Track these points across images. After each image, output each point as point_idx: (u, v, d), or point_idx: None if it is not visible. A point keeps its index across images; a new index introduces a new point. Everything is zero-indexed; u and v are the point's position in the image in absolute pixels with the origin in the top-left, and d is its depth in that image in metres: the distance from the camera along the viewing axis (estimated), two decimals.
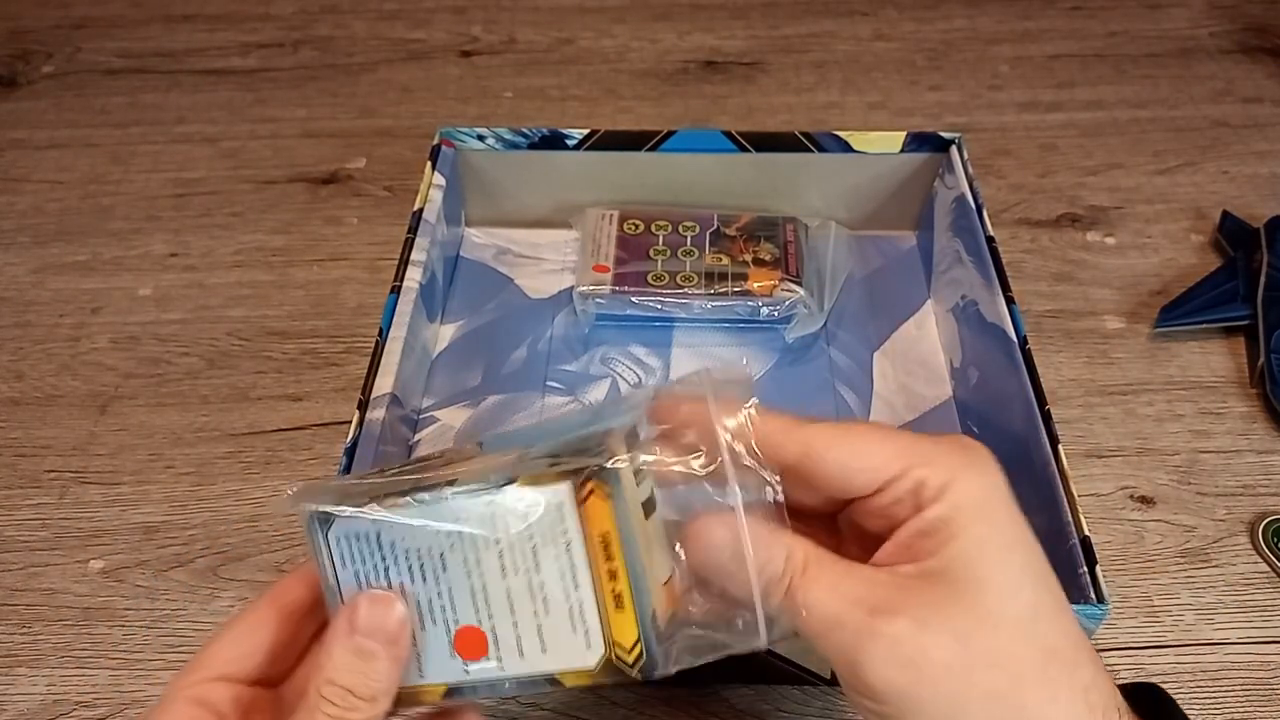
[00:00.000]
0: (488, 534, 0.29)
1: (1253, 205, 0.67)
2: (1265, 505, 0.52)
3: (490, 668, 0.30)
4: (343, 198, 0.69)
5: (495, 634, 0.30)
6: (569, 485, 0.28)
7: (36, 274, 0.64)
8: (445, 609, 0.30)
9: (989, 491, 0.27)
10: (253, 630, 0.32)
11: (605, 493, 0.28)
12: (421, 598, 0.30)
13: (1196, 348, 0.59)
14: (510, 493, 0.29)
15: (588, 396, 0.55)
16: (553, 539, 0.29)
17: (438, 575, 0.30)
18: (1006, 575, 0.26)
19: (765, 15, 0.85)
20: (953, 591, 0.26)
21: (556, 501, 0.28)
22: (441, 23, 0.85)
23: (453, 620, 0.30)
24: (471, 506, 0.29)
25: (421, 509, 0.30)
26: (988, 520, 0.27)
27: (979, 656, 0.25)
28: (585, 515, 0.28)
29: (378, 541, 0.30)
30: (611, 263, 0.58)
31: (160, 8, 0.87)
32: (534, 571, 0.29)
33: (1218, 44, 0.81)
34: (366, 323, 0.60)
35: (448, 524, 0.29)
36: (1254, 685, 0.45)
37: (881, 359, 0.57)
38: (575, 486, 0.28)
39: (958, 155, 0.58)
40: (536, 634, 0.29)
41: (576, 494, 0.28)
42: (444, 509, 0.29)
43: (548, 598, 0.29)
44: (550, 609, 0.29)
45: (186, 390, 0.57)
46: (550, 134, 0.60)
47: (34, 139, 0.74)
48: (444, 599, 0.30)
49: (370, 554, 0.30)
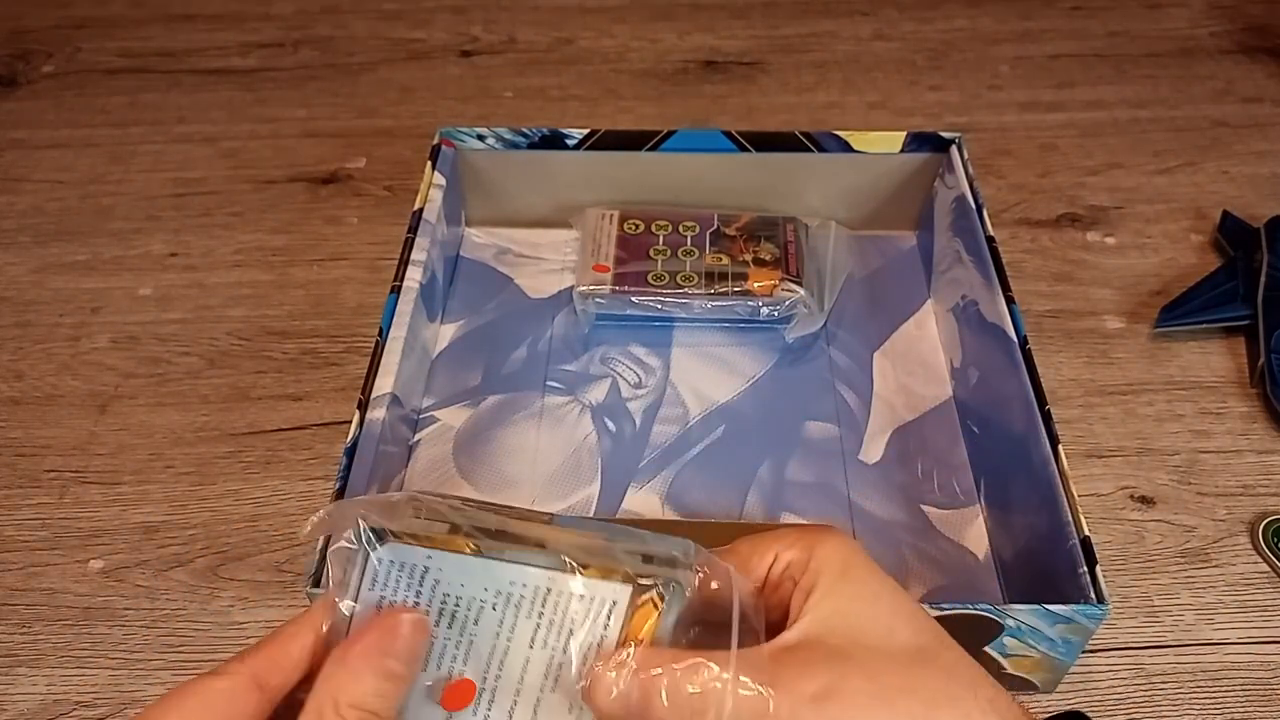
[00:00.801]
0: (535, 607, 0.30)
1: (1253, 205, 0.67)
2: (1265, 505, 0.52)
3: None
4: (343, 197, 0.69)
5: (494, 696, 0.30)
6: (630, 589, 0.29)
7: (36, 274, 0.64)
8: (455, 659, 0.30)
9: (845, 554, 0.30)
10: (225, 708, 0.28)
11: (658, 605, 0.29)
12: (436, 643, 0.30)
13: (1196, 348, 0.59)
14: (576, 579, 0.30)
15: (588, 396, 0.55)
16: (591, 629, 0.30)
17: (465, 626, 0.30)
18: (879, 619, 0.29)
19: (765, 15, 0.85)
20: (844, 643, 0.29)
21: (612, 599, 0.30)
22: (441, 23, 0.85)
23: (457, 671, 0.30)
24: (533, 577, 0.30)
25: (484, 562, 0.30)
26: (848, 578, 0.30)
27: (890, 687, 0.28)
28: (630, 619, 0.29)
29: (421, 576, 0.30)
30: (611, 262, 0.58)
31: (160, 8, 0.87)
32: (560, 652, 0.30)
33: (1218, 44, 0.81)
34: (366, 323, 0.60)
35: (502, 585, 0.30)
36: (1254, 685, 0.45)
37: (881, 359, 0.57)
38: (636, 594, 0.29)
39: (958, 155, 0.58)
40: (533, 706, 0.30)
41: (634, 599, 0.29)
42: (505, 570, 0.30)
43: (560, 678, 0.30)
44: (559, 688, 0.30)
45: (186, 390, 0.57)
46: (550, 134, 0.60)
47: (34, 139, 0.74)
48: (459, 649, 0.30)
49: (407, 584, 0.30)
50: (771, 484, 0.51)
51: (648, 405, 0.55)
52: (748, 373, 0.57)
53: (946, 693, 0.28)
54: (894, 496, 0.51)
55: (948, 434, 0.54)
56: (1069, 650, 0.41)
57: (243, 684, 0.28)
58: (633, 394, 0.56)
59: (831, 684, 0.27)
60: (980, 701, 0.28)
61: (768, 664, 0.28)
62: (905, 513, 0.50)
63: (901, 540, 0.49)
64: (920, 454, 0.53)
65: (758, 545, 0.31)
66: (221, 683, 0.28)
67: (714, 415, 0.55)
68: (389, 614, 0.29)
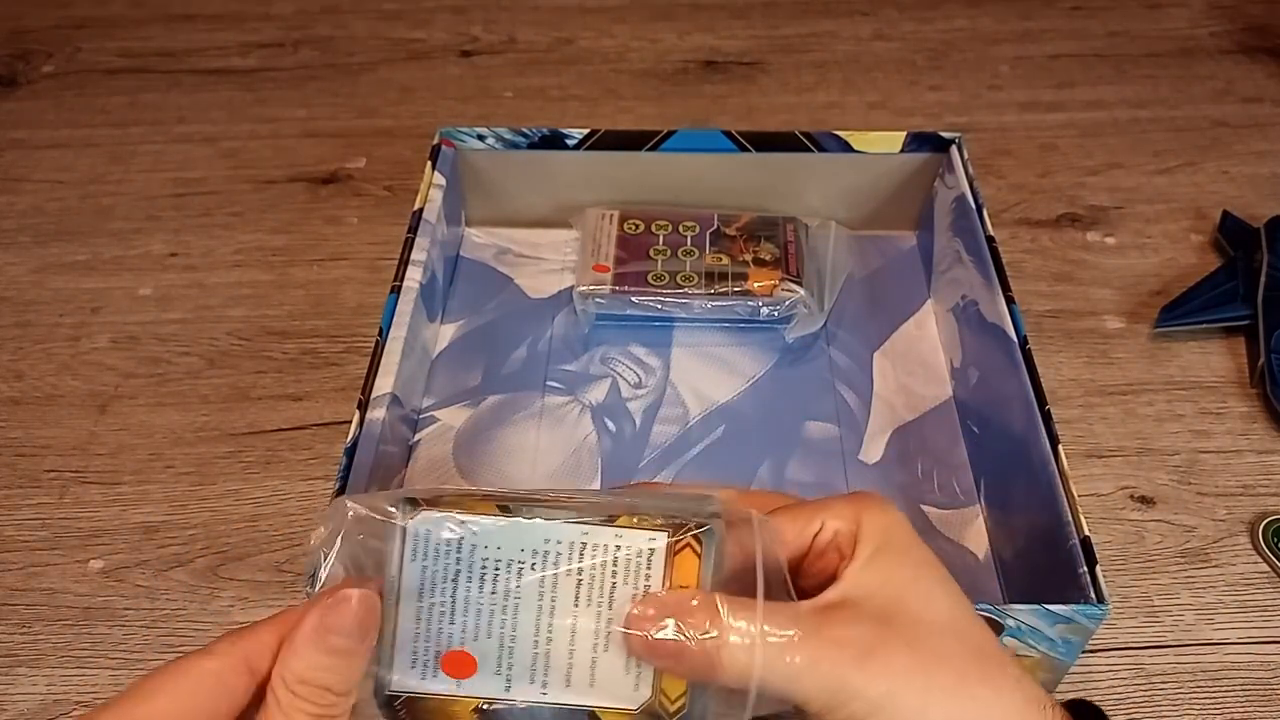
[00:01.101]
0: (574, 562, 0.30)
1: (1253, 205, 0.67)
2: (1265, 505, 0.52)
3: (532, 691, 0.30)
4: (343, 197, 0.69)
5: (549, 659, 0.30)
6: (666, 535, 0.30)
7: (36, 274, 0.64)
8: (504, 625, 0.30)
9: (890, 523, 0.31)
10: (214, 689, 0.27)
11: (698, 550, 0.29)
12: (484, 609, 0.30)
13: (1196, 348, 0.59)
14: (608, 529, 0.30)
15: (588, 396, 0.55)
16: (634, 581, 0.30)
17: (508, 590, 0.30)
18: (920, 588, 0.30)
19: (765, 15, 0.85)
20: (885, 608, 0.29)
21: (650, 547, 0.30)
22: (441, 23, 0.85)
23: (509, 638, 0.30)
24: (566, 533, 0.30)
25: (515, 523, 0.30)
26: (897, 546, 0.30)
27: (927, 657, 0.28)
28: (672, 566, 0.29)
29: (459, 545, 0.30)
30: (611, 262, 0.58)
31: (160, 8, 0.87)
32: (606, 607, 0.30)
33: (1218, 44, 0.81)
34: (366, 323, 0.60)
35: (537, 543, 0.30)
36: (1254, 685, 0.45)
37: (881, 359, 0.57)
38: (672, 539, 0.29)
39: (958, 155, 0.58)
40: (590, 667, 0.30)
41: (671, 545, 0.29)
42: (538, 529, 0.30)
43: (611, 635, 0.30)
44: (611, 646, 0.30)
45: (186, 390, 0.57)
46: (550, 134, 0.60)
47: (34, 139, 0.74)
48: (507, 614, 0.30)
49: (446, 555, 0.30)
50: (771, 484, 0.51)
51: (648, 405, 0.55)
52: (748, 373, 0.57)
53: (979, 666, 0.29)
54: (894, 496, 0.50)
55: (948, 434, 0.54)
56: (1069, 650, 0.41)
57: (233, 666, 0.27)
58: (633, 394, 0.56)
59: (871, 643, 0.28)
60: (1009, 679, 0.29)
61: (806, 618, 0.28)
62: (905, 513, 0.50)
63: None
64: (920, 454, 0.53)
65: (801, 512, 0.31)
66: (212, 663, 0.27)
67: (714, 415, 0.55)
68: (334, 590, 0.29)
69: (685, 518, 0.30)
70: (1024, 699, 0.29)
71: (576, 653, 0.30)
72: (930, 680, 0.28)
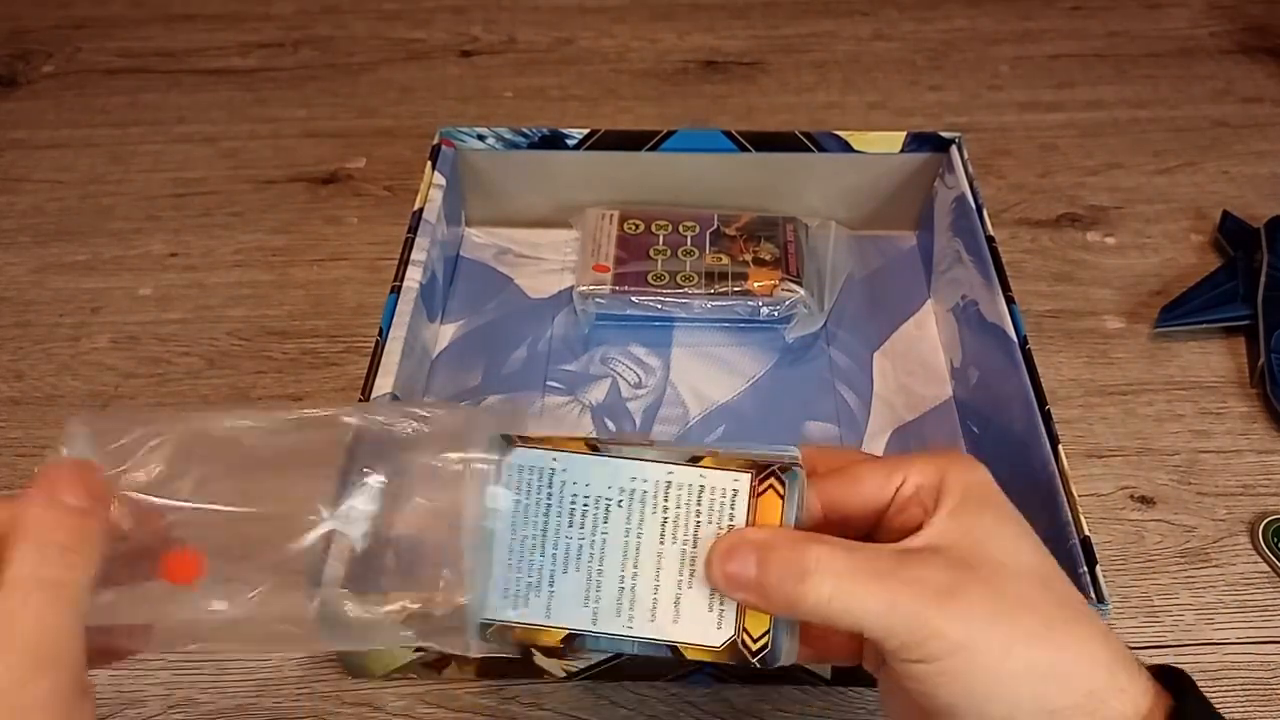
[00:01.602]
0: (659, 499, 0.31)
1: (1253, 205, 0.67)
2: (1265, 505, 0.52)
3: (617, 625, 0.31)
4: (343, 198, 0.69)
5: (634, 594, 0.31)
6: (749, 476, 0.31)
7: (36, 274, 0.64)
8: (592, 559, 0.31)
9: (975, 477, 0.31)
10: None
11: (780, 492, 0.31)
12: (572, 543, 0.31)
13: (1196, 348, 0.59)
14: (693, 469, 0.31)
15: (588, 396, 0.55)
16: (718, 520, 0.31)
17: (596, 525, 0.31)
18: (1005, 539, 0.30)
19: (765, 15, 0.85)
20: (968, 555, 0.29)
21: (734, 487, 0.31)
22: (441, 23, 0.85)
23: (596, 572, 0.31)
24: (652, 471, 0.31)
25: (604, 461, 0.32)
26: (981, 499, 0.30)
27: (1012, 603, 0.28)
28: (755, 507, 0.31)
29: (550, 480, 0.32)
30: (611, 262, 0.58)
31: (160, 8, 0.87)
32: (691, 545, 0.31)
33: (1218, 44, 0.81)
34: (366, 323, 0.60)
35: (624, 481, 0.31)
36: (1254, 685, 0.45)
37: (881, 359, 0.57)
38: (755, 480, 0.31)
39: (958, 155, 0.58)
40: (674, 603, 0.31)
41: (754, 486, 0.31)
42: (626, 466, 0.31)
43: (696, 572, 0.31)
44: (695, 583, 0.31)
45: (186, 390, 0.57)
46: (550, 134, 0.60)
47: (34, 139, 0.74)
48: (595, 549, 0.31)
49: (538, 489, 0.32)
50: None
51: (648, 405, 0.55)
52: (748, 373, 0.57)
53: (1063, 616, 0.29)
54: None
55: (948, 434, 0.54)
56: None
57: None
58: (633, 394, 0.56)
59: (952, 585, 0.28)
60: (1096, 633, 0.29)
61: (888, 556, 0.29)
62: None
63: None
64: None
65: (884, 466, 0.32)
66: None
67: (714, 415, 0.55)
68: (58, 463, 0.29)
69: (768, 460, 0.31)
70: (1111, 655, 0.28)
71: (661, 589, 0.31)
72: (1014, 626, 0.28)
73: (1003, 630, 0.28)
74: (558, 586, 0.31)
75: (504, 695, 0.45)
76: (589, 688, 0.45)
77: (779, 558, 0.29)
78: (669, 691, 0.45)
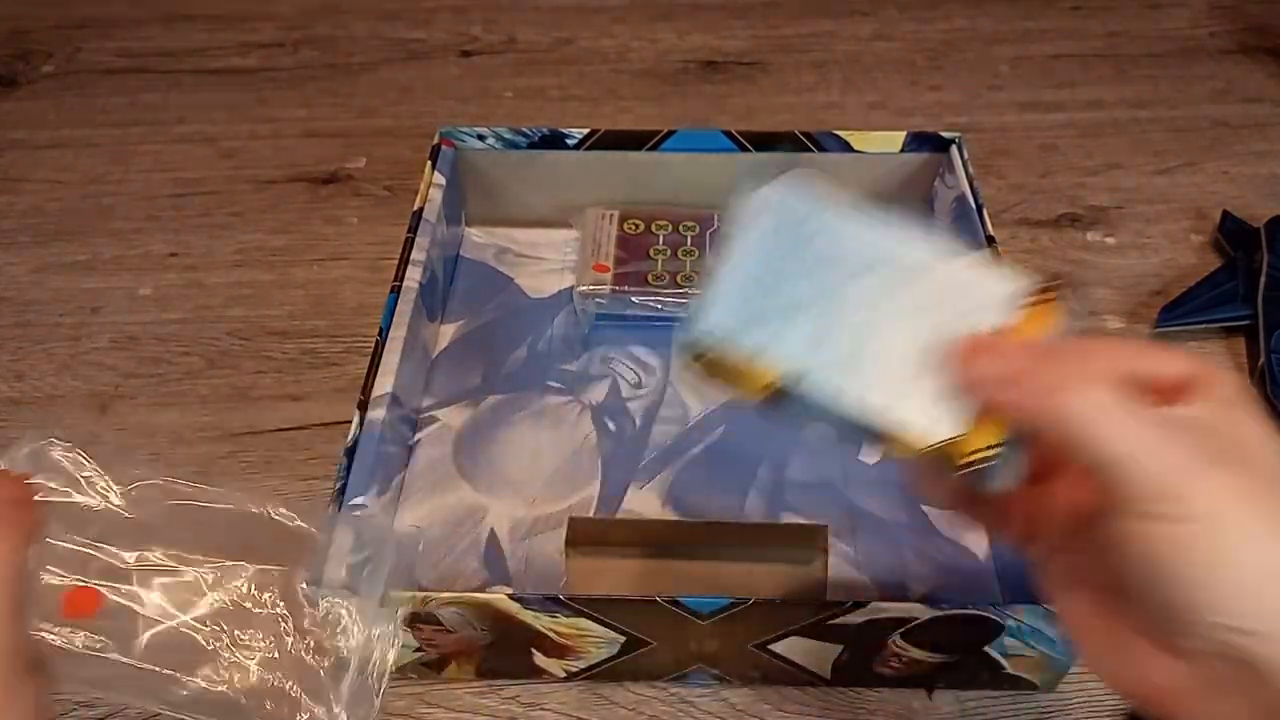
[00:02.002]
0: (921, 278, 0.29)
1: (1253, 205, 0.67)
2: None
3: (831, 384, 0.29)
4: (343, 197, 0.69)
5: (862, 360, 0.29)
6: (1023, 282, 0.29)
7: (36, 274, 0.64)
8: (829, 313, 0.29)
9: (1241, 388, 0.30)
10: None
11: (1059, 307, 0.29)
12: (812, 288, 0.29)
13: (1196, 348, 0.59)
14: (963, 261, 0.29)
15: (588, 396, 0.55)
16: (977, 316, 0.29)
17: (842, 284, 0.29)
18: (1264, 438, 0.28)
19: (765, 15, 0.85)
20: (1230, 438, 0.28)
21: (1002, 288, 0.29)
22: (441, 23, 0.85)
23: (832, 325, 0.29)
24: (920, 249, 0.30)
25: (874, 226, 0.30)
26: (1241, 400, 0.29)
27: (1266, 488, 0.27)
28: (1023, 313, 0.29)
29: (804, 221, 0.30)
30: (611, 262, 0.58)
31: (160, 8, 0.87)
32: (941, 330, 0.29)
33: (1218, 44, 0.81)
34: (366, 322, 0.60)
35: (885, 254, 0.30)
36: None
37: None
38: (1031, 289, 0.29)
39: (958, 155, 0.58)
40: (903, 384, 0.29)
41: (1028, 293, 0.29)
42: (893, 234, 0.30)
43: (945, 360, 0.29)
44: (933, 373, 0.29)
45: (186, 390, 0.57)
46: (550, 134, 0.60)
47: (34, 139, 0.74)
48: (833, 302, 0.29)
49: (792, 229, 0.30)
50: (771, 484, 0.51)
51: (648, 405, 0.55)
52: None
53: None
54: (894, 496, 0.51)
55: None
56: (1069, 650, 0.41)
57: None
58: (633, 394, 0.56)
59: (1210, 457, 0.27)
60: None
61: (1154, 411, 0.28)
62: (905, 513, 0.50)
63: (901, 540, 0.49)
64: None
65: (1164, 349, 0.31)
66: None
67: (714, 415, 0.55)
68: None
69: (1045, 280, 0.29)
70: None
71: (893, 364, 0.29)
72: (1262, 510, 0.26)
73: (1248, 512, 0.26)
74: (787, 329, 0.29)
75: (504, 695, 0.45)
76: (589, 688, 0.45)
77: (1058, 357, 0.28)
78: (669, 691, 0.45)
